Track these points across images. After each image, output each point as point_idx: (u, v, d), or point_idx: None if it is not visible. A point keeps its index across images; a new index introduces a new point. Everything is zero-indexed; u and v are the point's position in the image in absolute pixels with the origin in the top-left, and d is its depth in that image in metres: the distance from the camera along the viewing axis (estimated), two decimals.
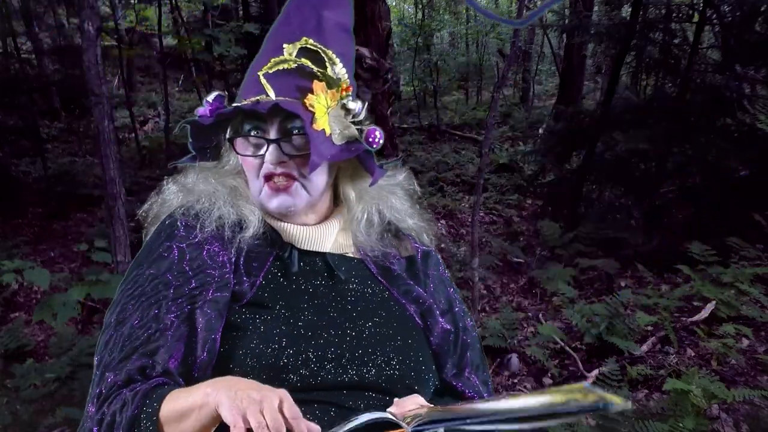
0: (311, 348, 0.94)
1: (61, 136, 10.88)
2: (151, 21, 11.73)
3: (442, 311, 1.12)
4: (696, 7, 5.93)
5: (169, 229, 1.03)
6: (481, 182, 3.73)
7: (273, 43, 1.05)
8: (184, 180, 1.09)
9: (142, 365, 0.89)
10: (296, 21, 1.06)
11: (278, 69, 1.00)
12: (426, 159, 10.30)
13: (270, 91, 0.99)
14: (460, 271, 5.28)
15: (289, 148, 1.00)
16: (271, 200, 1.02)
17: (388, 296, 1.07)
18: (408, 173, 1.18)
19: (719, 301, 4.01)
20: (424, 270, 1.15)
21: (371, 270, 1.09)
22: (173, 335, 0.92)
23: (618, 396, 0.63)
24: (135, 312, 0.94)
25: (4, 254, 5.26)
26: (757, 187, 5.54)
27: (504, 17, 2.02)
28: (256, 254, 1.01)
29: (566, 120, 7.16)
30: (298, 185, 1.01)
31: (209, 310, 0.94)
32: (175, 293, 0.95)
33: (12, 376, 3.79)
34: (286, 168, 1.00)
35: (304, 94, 0.99)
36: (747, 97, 6.00)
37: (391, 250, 1.12)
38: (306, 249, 1.05)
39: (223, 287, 0.96)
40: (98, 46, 4.51)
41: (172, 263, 0.98)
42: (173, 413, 0.82)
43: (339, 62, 1.04)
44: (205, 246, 1.00)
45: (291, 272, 1.02)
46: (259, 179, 1.02)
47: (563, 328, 4.23)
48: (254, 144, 1.01)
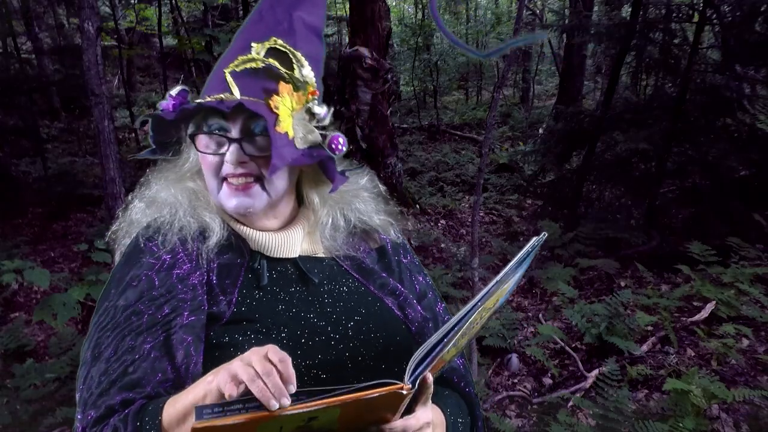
0: (297, 357, 0.92)
1: (61, 136, 10.88)
2: (151, 21, 11.74)
3: (419, 298, 1.12)
4: (696, 7, 5.93)
5: (135, 256, 1.01)
6: (481, 182, 3.72)
7: (242, 41, 1.02)
8: (149, 193, 1.07)
9: (123, 399, 0.88)
10: (268, 21, 1.04)
11: (245, 68, 0.98)
12: (426, 159, 10.30)
13: (235, 90, 0.97)
14: (460, 271, 5.29)
15: (250, 149, 0.98)
16: (229, 200, 1.00)
17: (365, 291, 1.06)
18: (371, 176, 1.17)
19: (719, 301, 4.01)
20: (396, 259, 1.15)
21: (344, 267, 1.08)
22: (150, 364, 0.90)
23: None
24: (110, 346, 0.92)
25: (4, 254, 5.27)
26: (757, 187, 5.55)
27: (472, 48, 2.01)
28: (227, 269, 1.00)
29: (566, 120, 7.16)
30: (258, 186, 1.00)
31: (185, 335, 0.91)
32: (148, 322, 0.93)
33: (12, 376, 3.79)
34: (246, 168, 0.98)
35: (270, 95, 0.97)
36: (747, 97, 6.00)
37: (360, 244, 1.11)
38: (275, 257, 1.04)
39: (196, 310, 0.94)
40: (98, 46, 4.51)
41: (142, 292, 0.96)
42: (176, 415, 0.81)
43: (307, 65, 1.02)
44: (174, 270, 0.98)
45: (263, 284, 1.00)
46: (218, 178, 1.01)
47: (563, 328, 4.23)
48: (216, 142, 1.00)
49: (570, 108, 8.21)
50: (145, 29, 12.43)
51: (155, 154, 1.06)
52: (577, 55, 10.81)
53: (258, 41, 1.01)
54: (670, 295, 4.37)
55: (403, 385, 0.78)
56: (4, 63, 9.20)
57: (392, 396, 0.78)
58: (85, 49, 4.47)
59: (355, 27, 7.47)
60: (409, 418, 0.84)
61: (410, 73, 13.91)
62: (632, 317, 3.94)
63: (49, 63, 10.89)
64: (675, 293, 4.38)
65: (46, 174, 8.10)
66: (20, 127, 8.82)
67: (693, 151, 5.92)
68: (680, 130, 5.76)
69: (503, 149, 10.63)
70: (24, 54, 10.32)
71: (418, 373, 0.81)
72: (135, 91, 13.50)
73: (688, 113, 5.81)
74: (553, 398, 3.41)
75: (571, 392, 3.43)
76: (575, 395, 3.33)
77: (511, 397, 3.54)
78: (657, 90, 7.19)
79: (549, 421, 2.96)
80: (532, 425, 3.22)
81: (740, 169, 5.84)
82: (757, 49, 5.59)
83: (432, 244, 6.42)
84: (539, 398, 3.51)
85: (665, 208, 6.23)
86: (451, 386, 1.10)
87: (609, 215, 6.33)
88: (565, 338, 4.04)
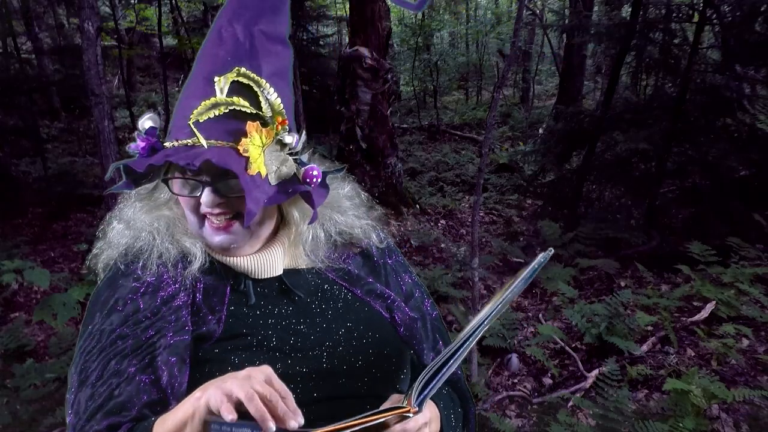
0: (290, 369, 0.93)
1: (61, 136, 10.89)
2: (151, 21, 11.74)
3: (406, 298, 1.12)
4: (696, 7, 5.93)
5: (118, 280, 1.01)
6: (481, 182, 3.72)
7: (203, 71, 0.99)
8: (128, 214, 1.06)
9: (109, 424, 0.87)
10: (228, 42, 0.99)
11: (209, 117, 0.96)
12: (426, 159, 10.31)
13: (201, 139, 0.94)
14: (460, 271, 5.29)
15: (225, 189, 0.97)
16: (212, 237, 1.00)
17: (352, 297, 1.06)
18: (352, 185, 1.15)
19: (719, 301, 4.01)
20: (381, 262, 1.15)
21: (329, 275, 1.08)
22: (135, 387, 0.90)
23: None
24: (95, 370, 0.92)
25: (4, 254, 5.27)
26: (757, 187, 5.55)
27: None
28: (213, 289, 1.00)
29: (566, 120, 7.17)
30: (238, 224, 0.99)
31: (170, 356, 0.91)
32: (133, 345, 0.93)
33: (12, 376, 3.79)
34: (224, 208, 0.98)
35: (237, 138, 0.94)
36: (747, 97, 6.00)
37: (343, 251, 1.11)
38: (259, 277, 1.03)
39: (180, 331, 0.94)
40: (98, 46, 4.51)
41: (127, 315, 0.96)
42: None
43: (273, 91, 0.99)
44: (159, 293, 0.98)
45: (249, 304, 1.00)
46: (197, 215, 1.00)
47: (563, 328, 4.23)
48: (190, 185, 0.99)
49: (570, 108, 8.21)
50: (145, 29, 12.44)
51: (130, 188, 1.02)
52: (577, 55, 10.82)
53: (220, 73, 0.97)
54: (670, 295, 4.37)
55: (410, 409, 0.79)
56: (4, 63, 9.20)
57: (398, 418, 0.79)
58: (85, 49, 4.47)
59: (355, 27, 7.47)
60: (408, 421, 0.85)
61: (410, 73, 13.92)
62: (632, 317, 3.94)
63: (49, 63, 10.89)
64: (675, 293, 4.38)
65: (46, 174, 8.10)
66: (20, 127, 8.82)
67: (693, 151, 5.93)
68: (680, 130, 5.76)
69: (503, 149, 10.63)
70: (24, 54, 10.33)
71: (424, 396, 0.81)
72: (135, 91, 13.51)
73: (688, 113, 5.81)
74: (553, 398, 3.41)
75: (571, 392, 3.43)
76: (575, 395, 3.33)
77: (511, 397, 3.54)
78: (657, 90, 7.20)
79: (549, 421, 2.96)
80: (532, 425, 3.22)
81: (740, 169, 5.84)
82: (757, 49, 5.59)
83: (432, 244, 6.42)
84: (539, 398, 3.51)
85: (665, 208, 6.23)
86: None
87: (609, 215, 6.33)
88: (565, 338, 4.04)
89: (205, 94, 0.97)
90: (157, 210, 1.04)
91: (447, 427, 1.00)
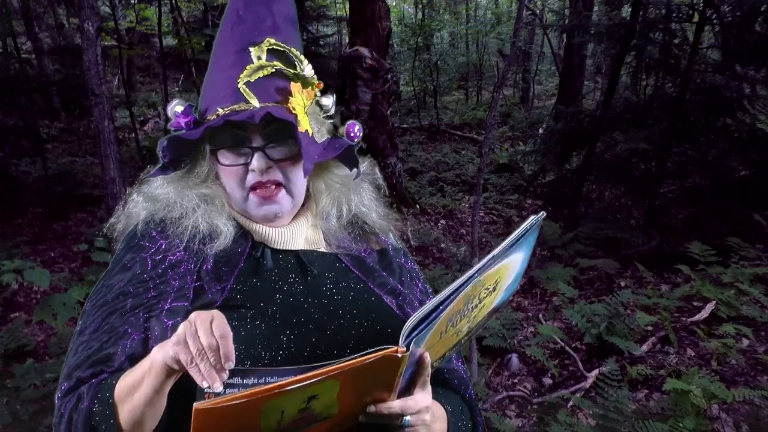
0: (291, 346, 0.93)
1: (61, 136, 10.89)
2: (151, 21, 11.74)
3: (420, 302, 1.12)
4: (696, 7, 5.93)
5: (134, 240, 1.03)
6: (481, 182, 3.72)
7: (234, 46, 1.01)
8: (149, 189, 1.08)
9: (93, 372, 0.90)
10: (249, 21, 1.03)
11: (258, 76, 0.99)
12: (426, 159, 10.31)
13: (253, 100, 0.97)
14: (460, 271, 5.29)
15: (274, 154, 1.00)
16: (258, 209, 1.02)
17: (364, 288, 1.05)
18: (370, 161, 1.18)
19: (719, 301, 4.01)
20: (398, 262, 1.15)
21: (345, 263, 1.08)
22: (125, 342, 0.91)
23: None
24: (94, 322, 0.96)
25: (4, 254, 5.27)
26: (757, 187, 5.55)
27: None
28: (226, 257, 1.01)
29: (566, 120, 7.16)
30: (283, 191, 1.02)
31: (166, 318, 0.92)
32: (133, 303, 0.95)
33: (12, 376, 3.79)
34: (272, 175, 1.00)
35: (285, 97, 0.99)
36: (747, 97, 6.00)
37: (361, 244, 1.12)
38: (278, 248, 1.05)
39: (181, 297, 0.95)
40: (98, 46, 4.51)
41: (134, 274, 0.98)
42: (125, 389, 0.84)
43: (305, 60, 1.03)
44: (168, 256, 1.00)
45: (264, 271, 1.01)
46: (244, 188, 1.02)
47: (563, 328, 4.23)
48: (238, 154, 1.01)
49: (570, 108, 8.21)
50: (145, 29, 12.44)
51: (166, 172, 1.04)
52: (577, 55, 10.82)
53: (253, 44, 1.00)
54: (670, 295, 4.37)
55: (398, 348, 0.77)
56: (4, 63, 9.20)
57: (387, 362, 0.77)
58: (85, 49, 4.47)
59: (355, 27, 7.48)
60: (408, 399, 0.84)
61: (410, 73, 13.92)
62: (632, 317, 3.94)
63: (49, 63, 10.89)
64: (675, 293, 4.38)
65: (46, 174, 8.10)
66: (20, 127, 8.82)
67: (693, 151, 5.93)
68: (680, 130, 5.76)
69: (503, 149, 10.63)
70: (24, 54, 10.33)
71: (412, 337, 0.79)
72: (135, 91, 13.51)
73: (688, 113, 5.82)
74: (553, 398, 3.41)
75: (571, 392, 3.43)
76: (575, 395, 3.33)
77: (511, 397, 3.54)
78: (657, 90, 7.20)
79: (549, 421, 2.96)
80: (532, 425, 3.22)
81: (740, 169, 5.84)
82: (757, 49, 5.59)
83: (432, 244, 6.42)
84: (539, 398, 3.51)
85: (665, 208, 6.23)
86: (453, 390, 1.10)
87: (609, 215, 6.33)
88: (565, 338, 4.04)
89: (242, 63, 1.00)
90: (196, 188, 1.05)
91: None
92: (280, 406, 0.72)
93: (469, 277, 0.82)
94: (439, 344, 0.86)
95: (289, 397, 0.71)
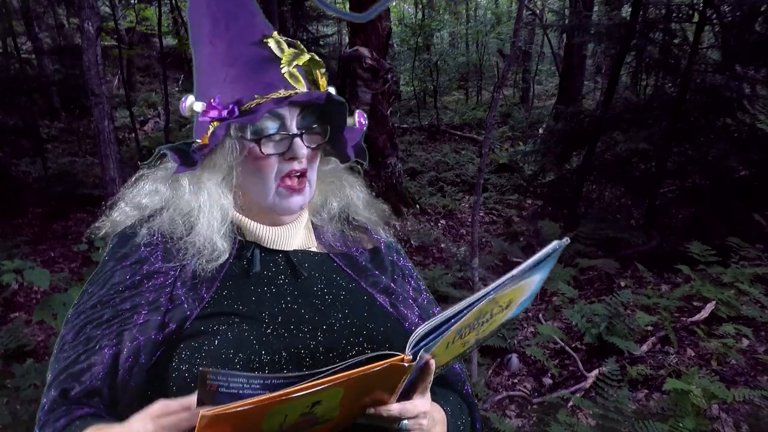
0: (283, 348, 0.92)
1: (61, 136, 10.89)
2: (151, 21, 11.75)
3: (413, 299, 1.11)
4: (696, 7, 5.93)
5: (119, 247, 1.02)
6: (481, 182, 3.72)
7: (244, 40, 1.00)
8: (136, 197, 1.05)
9: (64, 388, 0.91)
10: (243, 17, 1.02)
11: (299, 63, 1.00)
12: (426, 159, 10.31)
13: (300, 84, 0.98)
14: (460, 271, 5.29)
15: (309, 140, 1.00)
16: (287, 201, 1.00)
17: (356, 287, 1.04)
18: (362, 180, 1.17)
19: (719, 301, 4.01)
20: (390, 259, 1.14)
21: (337, 262, 1.07)
22: (97, 357, 0.91)
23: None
24: (71, 331, 0.95)
25: (4, 254, 5.27)
26: (757, 187, 5.55)
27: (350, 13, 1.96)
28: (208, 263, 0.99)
29: (566, 120, 7.17)
30: (307, 182, 1.01)
31: (138, 334, 0.91)
32: (109, 314, 0.94)
33: (12, 376, 3.78)
34: (304, 164, 1.00)
35: (315, 83, 1.01)
36: (747, 97, 6.00)
37: (353, 243, 1.11)
38: (270, 248, 1.03)
39: (154, 311, 0.93)
40: (98, 46, 4.51)
41: (113, 283, 0.97)
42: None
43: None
44: (144, 266, 0.97)
45: (253, 273, 0.99)
46: (275, 180, 0.99)
47: (563, 328, 4.23)
48: (276, 143, 0.98)
49: (570, 108, 8.21)
50: (145, 29, 12.45)
51: (194, 167, 0.99)
52: (577, 55, 10.82)
53: (266, 37, 1.01)
54: (670, 295, 4.37)
55: (403, 356, 0.77)
56: (4, 63, 9.20)
57: (393, 370, 0.76)
58: (85, 49, 4.47)
59: (355, 27, 7.47)
60: (406, 403, 0.84)
61: (410, 73, 13.92)
62: (632, 317, 3.94)
63: (49, 63, 10.89)
64: (675, 293, 4.38)
65: (46, 174, 8.11)
66: (20, 127, 8.82)
67: (693, 151, 5.93)
68: (680, 130, 5.76)
69: (503, 149, 10.63)
70: (24, 54, 10.33)
71: (420, 347, 0.79)
72: (135, 91, 13.51)
73: (688, 113, 5.82)
74: (553, 398, 3.41)
75: (571, 392, 3.43)
76: (575, 395, 3.33)
77: (511, 397, 3.54)
78: (657, 90, 7.20)
79: (549, 421, 2.96)
80: (532, 425, 3.22)
81: (740, 169, 5.84)
82: (757, 49, 5.59)
83: (432, 244, 6.42)
84: (539, 398, 3.51)
85: (665, 208, 6.23)
86: (450, 387, 1.09)
87: (609, 215, 6.33)
88: (565, 338, 4.04)
89: (262, 53, 0.99)
90: (213, 198, 1.00)
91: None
92: (284, 411, 0.72)
93: (484, 294, 0.82)
94: (445, 354, 0.85)
95: (294, 403, 0.71)
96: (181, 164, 0.98)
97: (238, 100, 0.97)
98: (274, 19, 7.07)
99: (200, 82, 1.04)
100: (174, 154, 0.99)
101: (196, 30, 1.05)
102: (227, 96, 0.98)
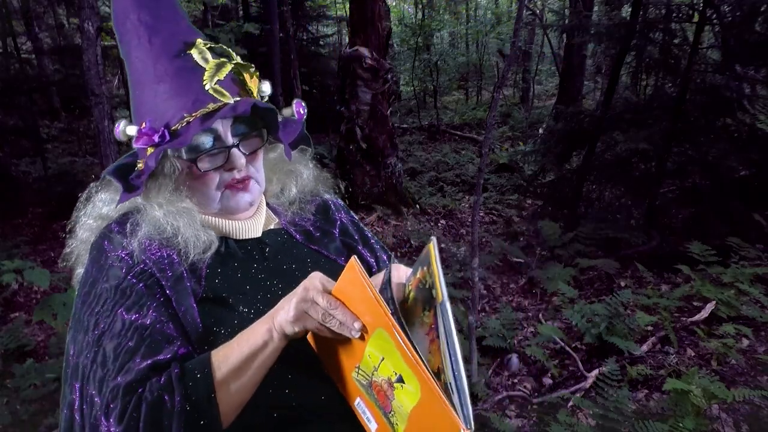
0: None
1: (61, 136, 10.89)
2: None
3: (363, 245, 1.21)
4: (696, 7, 5.92)
5: (101, 256, 1.01)
6: (481, 182, 3.72)
7: (166, 54, 0.99)
8: (94, 210, 1.08)
9: (154, 362, 0.87)
10: (165, 29, 1.01)
11: (224, 74, 0.99)
12: (426, 159, 10.30)
13: (226, 97, 0.97)
14: (460, 271, 5.28)
15: (245, 148, 1.02)
16: (233, 201, 1.04)
17: (317, 255, 1.13)
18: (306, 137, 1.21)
19: (719, 301, 4.01)
20: (335, 212, 1.25)
21: (297, 239, 1.14)
22: (162, 327, 0.91)
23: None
24: (114, 322, 0.92)
25: (4, 254, 5.27)
26: (757, 187, 5.55)
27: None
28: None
29: (566, 120, 7.16)
30: (253, 181, 1.05)
31: (179, 287, 0.95)
32: (148, 289, 0.94)
33: (12, 376, 3.78)
34: (246, 171, 1.04)
35: (243, 88, 1.01)
36: (747, 97, 6.00)
37: (303, 216, 1.19)
38: (240, 238, 1.09)
39: (179, 279, 0.97)
40: (98, 46, 4.51)
41: (129, 268, 0.96)
42: (232, 369, 0.85)
43: (231, 50, 1.05)
44: (146, 248, 1.00)
45: (230, 262, 1.04)
46: (218, 189, 1.03)
47: (563, 328, 4.23)
48: (214, 157, 1.01)
49: (570, 108, 8.21)
50: None
51: (136, 192, 1.01)
52: (577, 55, 10.82)
53: (188, 47, 1.00)
54: (670, 295, 4.37)
55: (463, 428, 0.75)
56: (4, 63, 9.20)
57: (452, 428, 0.74)
58: (85, 49, 4.47)
59: (355, 27, 7.47)
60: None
61: (410, 73, 13.92)
62: (632, 317, 3.94)
63: (49, 63, 10.89)
64: (675, 293, 4.38)
65: (46, 174, 8.10)
66: (20, 127, 8.82)
67: (693, 151, 5.92)
68: (680, 130, 5.75)
69: (503, 149, 10.63)
70: (24, 54, 10.33)
71: (468, 412, 0.77)
72: None
73: (688, 113, 5.81)
74: (553, 398, 3.41)
75: (571, 392, 3.43)
76: (575, 395, 3.33)
77: (511, 397, 3.54)
78: (657, 90, 7.19)
79: (549, 421, 2.96)
80: (532, 425, 3.22)
81: (740, 169, 5.84)
82: (757, 49, 5.59)
83: None
84: (539, 398, 3.51)
85: (665, 208, 6.23)
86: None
87: (609, 215, 6.33)
88: (565, 338, 4.04)
89: (187, 67, 0.98)
90: (171, 204, 1.03)
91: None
92: (385, 351, 0.76)
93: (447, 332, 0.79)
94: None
95: (400, 363, 0.74)
96: (124, 191, 1.00)
97: (167, 123, 0.97)
98: (274, 19, 7.07)
99: (134, 100, 1.05)
100: (118, 181, 1.02)
101: (124, 48, 1.05)
102: (157, 118, 0.98)
